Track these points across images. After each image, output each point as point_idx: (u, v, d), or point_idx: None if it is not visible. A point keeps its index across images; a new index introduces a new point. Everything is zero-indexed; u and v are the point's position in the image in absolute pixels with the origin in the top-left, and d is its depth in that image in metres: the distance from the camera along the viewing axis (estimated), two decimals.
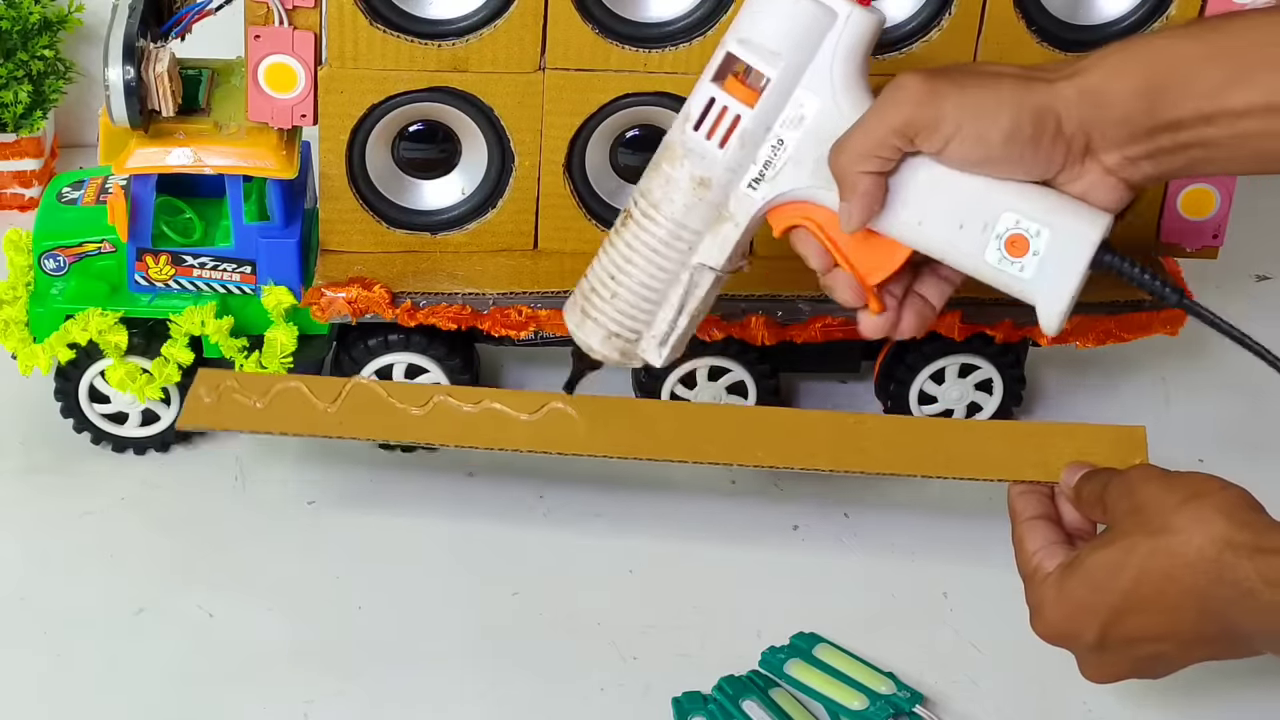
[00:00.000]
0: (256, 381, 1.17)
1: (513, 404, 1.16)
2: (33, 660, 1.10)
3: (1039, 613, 0.99)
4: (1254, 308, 1.46)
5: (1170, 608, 0.93)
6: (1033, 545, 1.01)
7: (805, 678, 1.10)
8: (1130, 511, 0.96)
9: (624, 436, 1.15)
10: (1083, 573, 0.97)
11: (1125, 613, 0.95)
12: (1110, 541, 0.96)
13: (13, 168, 1.49)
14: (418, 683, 1.10)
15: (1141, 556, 0.94)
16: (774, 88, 1.00)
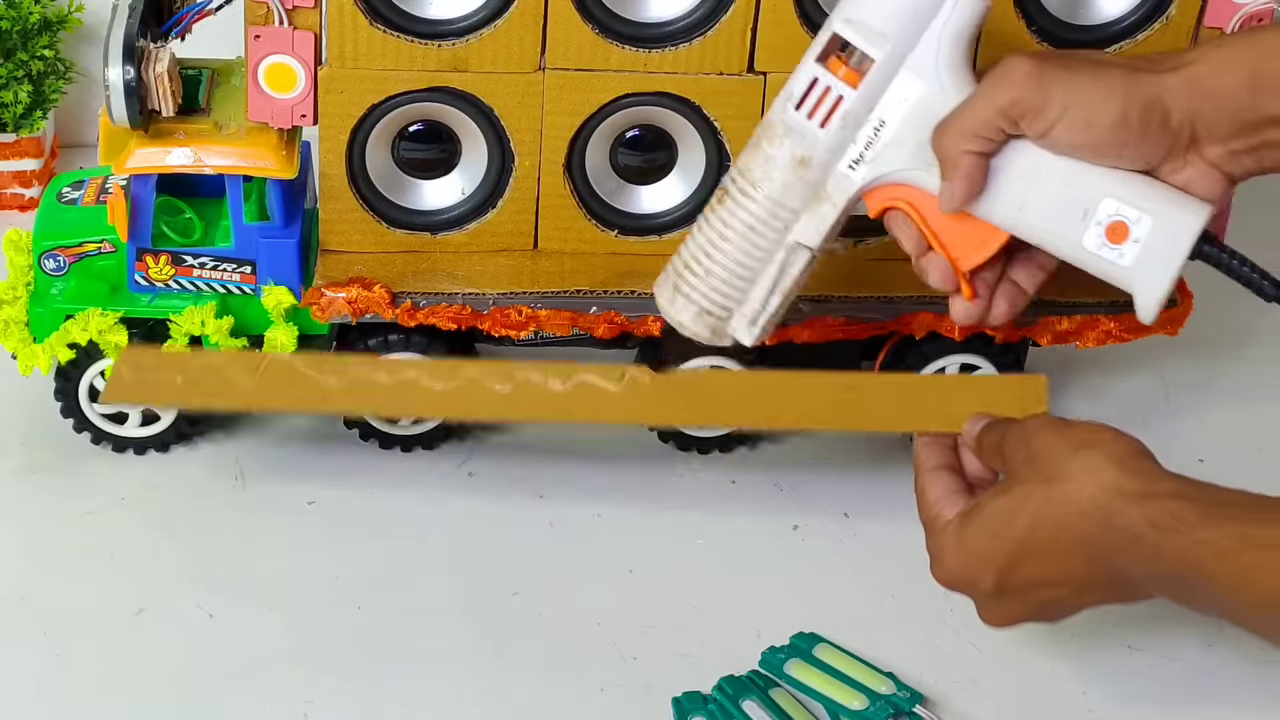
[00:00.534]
0: (176, 359, 1.17)
1: (427, 374, 1.15)
2: (33, 660, 1.10)
3: (938, 560, 1.01)
4: (1254, 308, 1.46)
5: (1063, 554, 0.96)
6: (934, 494, 1.04)
7: (805, 678, 1.10)
8: (1026, 460, 0.99)
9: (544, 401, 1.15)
10: (980, 520, 0.99)
11: (1020, 559, 0.97)
12: (1007, 489, 0.98)
13: (13, 168, 1.49)
14: (418, 683, 1.10)
15: (1036, 504, 0.96)
16: (879, 69, 1.00)
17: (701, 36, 1.18)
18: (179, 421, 1.25)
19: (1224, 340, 1.42)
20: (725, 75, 1.19)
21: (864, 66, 1.01)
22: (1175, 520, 0.92)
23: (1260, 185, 1.40)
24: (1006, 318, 1.07)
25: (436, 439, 1.27)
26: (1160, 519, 0.92)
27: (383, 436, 1.27)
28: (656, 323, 1.21)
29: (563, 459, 1.27)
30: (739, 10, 1.17)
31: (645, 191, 1.24)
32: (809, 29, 1.18)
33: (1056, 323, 1.24)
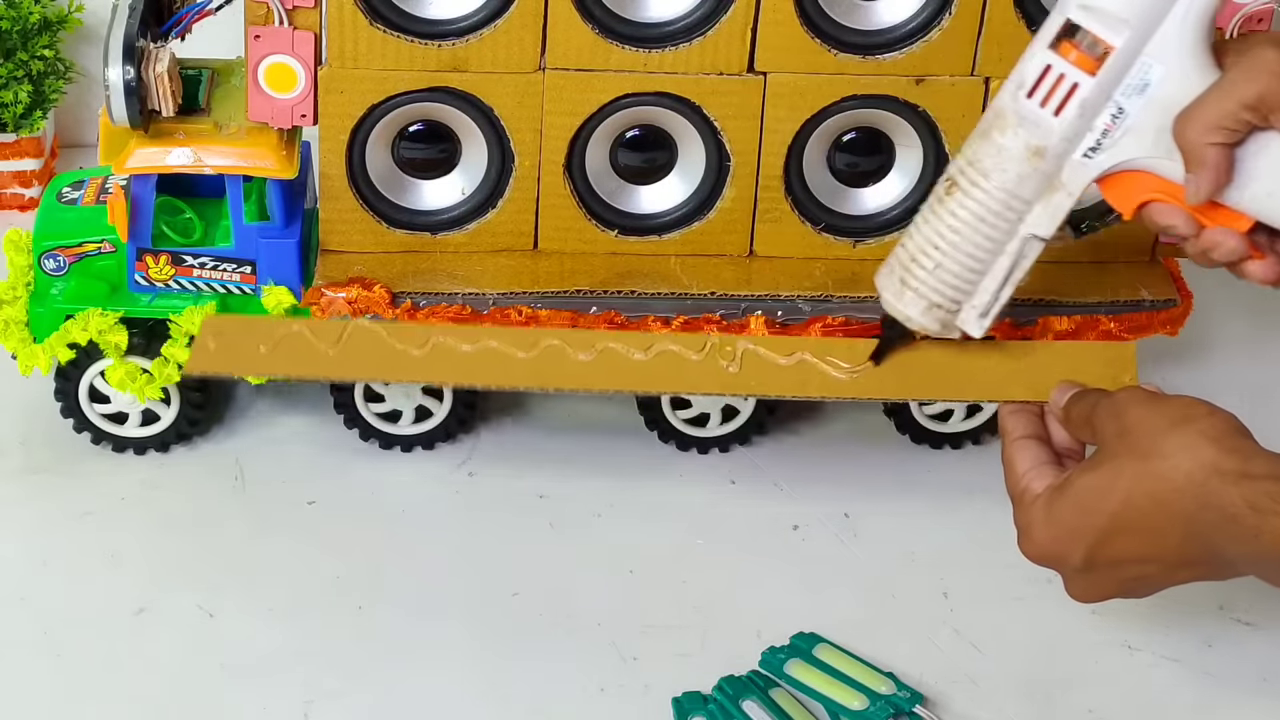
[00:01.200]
0: (259, 325, 1.16)
1: (510, 341, 1.14)
2: (33, 660, 1.10)
3: (1027, 534, 1.00)
4: (1254, 308, 1.46)
5: (1156, 531, 0.95)
6: (1022, 466, 1.02)
7: (805, 678, 1.10)
8: (1118, 434, 0.97)
9: (625, 371, 1.14)
10: (1071, 495, 0.98)
11: (1112, 535, 0.96)
12: (1098, 464, 0.97)
13: (13, 168, 1.49)
14: (418, 683, 1.10)
15: (1129, 480, 0.95)
16: (1118, 56, 0.98)
17: (701, 36, 1.18)
18: (179, 421, 1.25)
19: (1224, 340, 1.42)
20: (725, 75, 1.19)
21: (1101, 53, 0.98)
22: (1275, 502, 0.91)
23: None
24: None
25: (436, 439, 1.27)
26: (1259, 500, 0.91)
27: (383, 436, 1.27)
28: (656, 323, 1.21)
29: (563, 459, 1.27)
30: (739, 10, 1.17)
31: (645, 191, 1.24)
32: (809, 29, 1.18)
33: (1056, 323, 1.24)
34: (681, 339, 1.14)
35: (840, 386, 1.11)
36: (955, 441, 1.30)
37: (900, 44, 1.20)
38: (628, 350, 1.13)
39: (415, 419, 1.26)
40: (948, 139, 1.22)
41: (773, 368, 1.12)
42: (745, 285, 1.23)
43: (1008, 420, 1.05)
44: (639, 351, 1.13)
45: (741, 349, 1.13)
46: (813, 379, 1.11)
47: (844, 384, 1.11)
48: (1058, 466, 1.02)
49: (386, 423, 1.26)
